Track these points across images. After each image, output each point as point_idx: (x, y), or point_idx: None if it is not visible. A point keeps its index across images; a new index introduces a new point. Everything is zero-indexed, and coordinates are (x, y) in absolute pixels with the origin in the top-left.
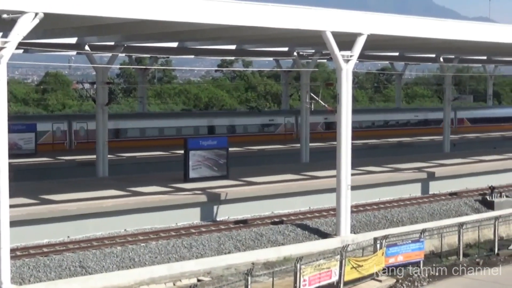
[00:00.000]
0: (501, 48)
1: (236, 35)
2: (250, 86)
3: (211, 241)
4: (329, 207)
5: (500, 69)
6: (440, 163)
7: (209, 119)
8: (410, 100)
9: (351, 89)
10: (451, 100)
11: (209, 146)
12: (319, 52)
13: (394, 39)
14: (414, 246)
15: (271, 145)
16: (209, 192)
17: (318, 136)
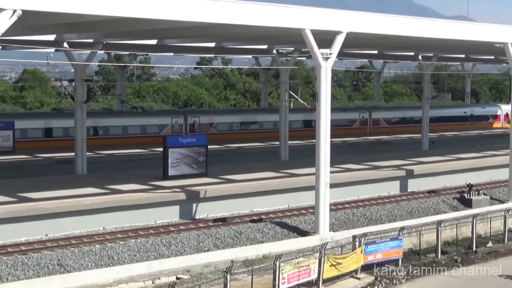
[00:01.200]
0: (479, 46)
1: (215, 32)
2: (229, 84)
3: (190, 239)
4: (308, 205)
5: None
6: (419, 161)
7: None
8: (389, 98)
9: (330, 87)
10: (429, 99)
11: (188, 143)
12: (298, 50)
13: (373, 37)
14: (392, 244)
15: (250, 143)
16: (188, 190)
17: None
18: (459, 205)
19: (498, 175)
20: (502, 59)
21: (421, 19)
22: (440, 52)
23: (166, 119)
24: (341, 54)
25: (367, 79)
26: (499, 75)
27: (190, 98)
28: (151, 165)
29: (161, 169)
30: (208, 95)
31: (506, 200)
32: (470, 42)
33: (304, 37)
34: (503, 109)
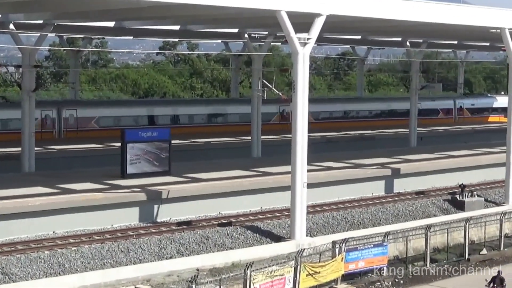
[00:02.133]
0: (473, 32)
1: (180, 14)
2: (196, 71)
3: (151, 244)
4: (282, 207)
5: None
6: (406, 158)
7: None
8: (373, 88)
9: (308, 76)
10: (418, 89)
11: (149, 138)
12: (272, 34)
13: (356, 20)
14: (376, 251)
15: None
16: (149, 190)
17: None
18: (451, 207)
19: (494, 174)
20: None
21: (409, 1)
22: (430, 38)
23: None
24: (321, 39)
25: (349, 67)
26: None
27: (151, 87)
28: (108, 162)
29: (119, 167)
30: (172, 83)
31: (502, 203)
32: (464, 27)
33: (280, 20)
34: (457, 102)
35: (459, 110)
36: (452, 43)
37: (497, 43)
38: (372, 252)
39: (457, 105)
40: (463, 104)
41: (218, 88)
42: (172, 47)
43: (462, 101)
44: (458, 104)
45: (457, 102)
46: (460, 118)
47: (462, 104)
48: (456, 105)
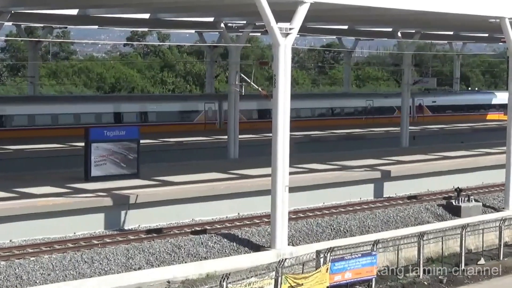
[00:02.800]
0: (470, 22)
1: (149, 1)
2: (167, 64)
3: (118, 254)
4: (262, 213)
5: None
6: (397, 160)
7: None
8: (361, 83)
9: (290, 70)
10: (410, 84)
11: (116, 137)
12: (251, 24)
13: (342, 8)
14: (364, 261)
15: (192, 137)
16: (116, 194)
17: None
18: (446, 213)
19: (492, 177)
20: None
21: None
22: (423, 28)
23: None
24: (304, 30)
25: (335, 60)
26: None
27: (118, 81)
28: (70, 164)
29: (82, 169)
30: (140, 77)
31: (502, 208)
32: (460, 16)
33: (259, 8)
34: (416, 99)
35: (418, 108)
36: (447, 34)
37: (497, 34)
38: (359, 262)
39: (416, 102)
40: (423, 101)
41: (192, 82)
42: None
43: (422, 98)
44: (417, 101)
45: (416, 99)
46: (419, 117)
47: (422, 102)
48: (415, 103)
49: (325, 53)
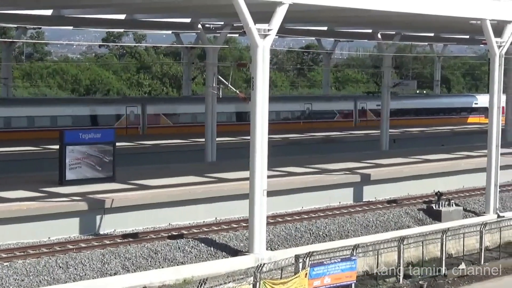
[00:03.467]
0: (451, 23)
1: (125, 1)
2: (143, 66)
3: (93, 259)
4: (240, 218)
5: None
6: (377, 163)
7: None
8: (341, 85)
9: (269, 71)
10: (390, 86)
11: (91, 140)
12: (229, 25)
13: (321, 9)
14: (344, 266)
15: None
16: (91, 198)
17: None
18: (426, 218)
19: (473, 181)
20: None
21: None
22: (403, 30)
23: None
24: (283, 31)
25: (314, 61)
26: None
27: (93, 83)
28: (44, 167)
29: (57, 172)
30: (116, 79)
31: (483, 212)
32: (441, 17)
33: (237, 9)
34: (359, 103)
35: (361, 112)
36: (428, 35)
37: (478, 35)
38: (339, 267)
39: (358, 106)
40: (366, 105)
41: (168, 84)
42: (117, 39)
43: (365, 101)
44: (360, 105)
45: (359, 102)
46: (362, 122)
47: (365, 105)
48: (357, 107)
49: (304, 55)
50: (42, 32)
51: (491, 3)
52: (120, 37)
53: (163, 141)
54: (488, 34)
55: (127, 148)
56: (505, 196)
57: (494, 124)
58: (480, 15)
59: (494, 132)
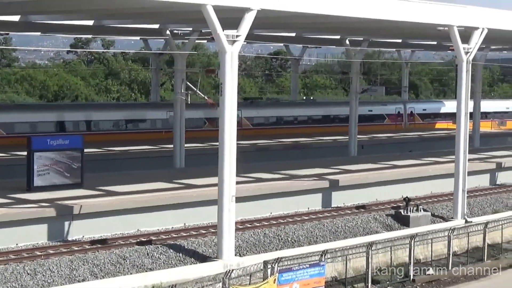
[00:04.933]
0: (419, 29)
1: (93, 7)
2: (111, 72)
3: (61, 266)
4: (208, 224)
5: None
6: (345, 169)
7: None
8: (309, 91)
9: (237, 77)
10: (358, 92)
11: (59, 146)
12: (197, 31)
13: (289, 16)
14: (313, 272)
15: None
16: (59, 205)
17: None
18: (394, 223)
19: (441, 186)
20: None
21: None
22: (371, 36)
23: None
24: (251, 37)
25: (283, 67)
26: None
27: (62, 89)
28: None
29: (25, 178)
30: (84, 85)
31: (450, 218)
32: (408, 24)
33: (205, 15)
34: (408, 107)
35: (410, 115)
36: (396, 42)
37: (445, 42)
38: (308, 273)
39: (408, 110)
40: (414, 109)
41: (137, 90)
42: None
43: (413, 106)
44: (409, 109)
45: (408, 107)
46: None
47: (413, 109)
48: (407, 110)
49: (272, 61)
50: (9, 38)
51: (458, 10)
52: (88, 43)
53: (132, 147)
54: (456, 41)
55: (96, 154)
56: (473, 201)
57: (461, 130)
58: (448, 22)
59: (462, 138)
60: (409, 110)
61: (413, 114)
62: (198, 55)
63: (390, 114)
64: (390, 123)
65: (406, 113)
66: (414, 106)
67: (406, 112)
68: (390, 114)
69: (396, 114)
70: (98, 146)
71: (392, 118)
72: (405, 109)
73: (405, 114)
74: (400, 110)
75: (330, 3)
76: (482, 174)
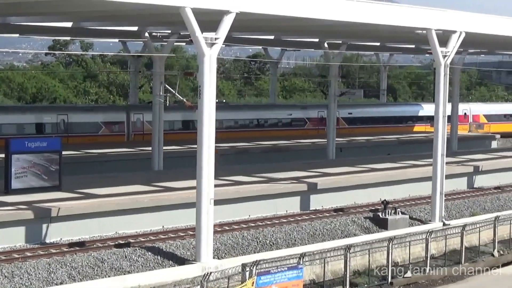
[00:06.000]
0: (397, 33)
1: (71, 9)
2: (90, 74)
3: (39, 268)
4: (187, 226)
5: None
6: (324, 172)
7: None
8: (288, 94)
9: (216, 80)
10: (337, 95)
11: (37, 148)
12: (176, 34)
13: (268, 19)
14: (291, 274)
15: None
16: (37, 207)
17: None
18: (372, 226)
19: (419, 189)
20: (424, 48)
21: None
22: (350, 39)
23: None
24: (230, 40)
25: (261, 70)
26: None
27: (40, 92)
28: None
29: (2, 181)
30: (63, 87)
31: (428, 220)
32: (387, 27)
33: (184, 17)
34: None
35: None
36: (374, 45)
37: (423, 45)
38: (286, 276)
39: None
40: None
41: (115, 93)
42: (63, 47)
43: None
44: (135, 117)
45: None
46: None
47: (142, 118)
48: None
49: (251, 64)
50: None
51: (437, 13)
52: (66, 45)
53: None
54: (434, 44)
55: (74, 157)
56: (451, 204)
57: (439, 133)
58: (426, 25)
59: (440, 141)
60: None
61: (338, 119)
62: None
63: (311, 118)
64: (311, 128)
65: None
66: (339, 111)
67: None
68: (311, 118)
69: (319, 118)
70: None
71: (313, 123)
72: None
73: None
74: (323, 114)
75: (309, 6)
76: (460, 177)
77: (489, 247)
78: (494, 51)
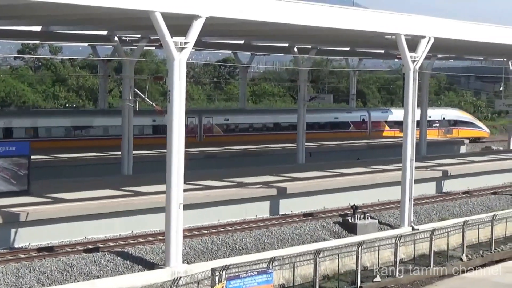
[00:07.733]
0: (367, 38)
1: (40, 13)
2: (59, 78)
3: (7, 274)
4: (156, 231)
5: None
6: (293, 176)
7: None
8: (257, 99)
9: (185, 85)
10: (306, 100)
11: (5, 153)
12: (146, 38)
13: (238, 23)
14: (260, 279)
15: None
16: (5, 212)
17: None
18: (342, 231)
19: (388, 194)
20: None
21: (296, 3)
22: (319, 44)
23: None
24: (199, 44)
25: (231, 75)
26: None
27: (9, 96)
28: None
29: None
30: (32, 91)
31: (397, 225)
32: (356, 32)
33: (154, 22)
34: None
35: None
36: (344, 50)
37: (392, 50)
38: (255, 280)
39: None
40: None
41: (85, 97)
42: (32, 51)
43: None
44: (206, 120)
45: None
46: None
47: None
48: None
49: (220, 68)
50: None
51: (406, 18)
52: (35, 49)
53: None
54: (403, 49)
55: (43, 161)
56: (420, 209)
57: (408, 138)
58: (395, 30)
59: (409, 146)
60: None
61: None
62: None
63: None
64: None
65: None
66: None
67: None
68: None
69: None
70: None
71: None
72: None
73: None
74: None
75: (278, 11)
76: (429, 182)
77: (458, 252)
78: (463, 56)
